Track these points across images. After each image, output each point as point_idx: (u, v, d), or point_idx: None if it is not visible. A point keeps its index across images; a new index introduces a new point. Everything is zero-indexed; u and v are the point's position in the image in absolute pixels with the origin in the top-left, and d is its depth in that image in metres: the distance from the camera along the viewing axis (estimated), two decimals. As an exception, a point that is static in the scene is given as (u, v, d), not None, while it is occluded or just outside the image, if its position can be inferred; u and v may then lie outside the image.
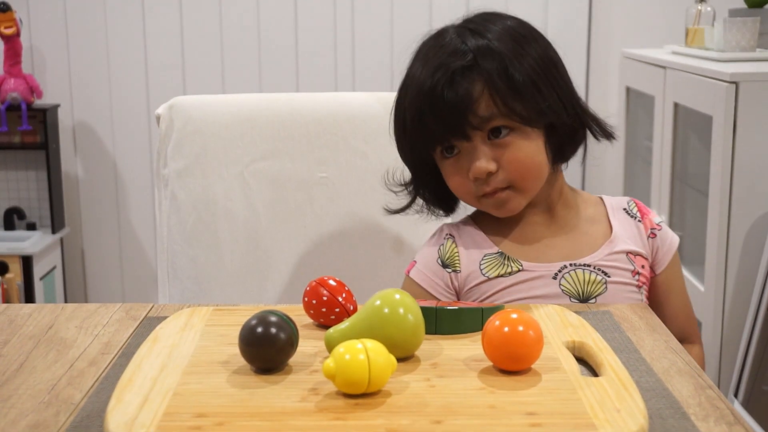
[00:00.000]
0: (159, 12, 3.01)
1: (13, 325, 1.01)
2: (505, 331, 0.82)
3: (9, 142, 2.97)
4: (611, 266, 1.13)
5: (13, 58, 2.91)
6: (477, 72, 1.06)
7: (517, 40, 1.10)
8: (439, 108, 1.06)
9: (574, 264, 1.13)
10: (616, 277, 1.13)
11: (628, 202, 1.21)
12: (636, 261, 1.16)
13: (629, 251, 1.15)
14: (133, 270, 3.17)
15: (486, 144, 1.08)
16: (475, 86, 1.06)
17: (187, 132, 1.42)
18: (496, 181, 1.09)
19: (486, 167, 1.08)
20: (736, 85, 1.79)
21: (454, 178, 1.12)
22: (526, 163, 1.09)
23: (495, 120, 1.07)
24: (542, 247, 1.15)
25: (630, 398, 0.77)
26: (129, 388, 0.80)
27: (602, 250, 1.14)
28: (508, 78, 1.06)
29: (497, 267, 1.14)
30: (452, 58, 1.07)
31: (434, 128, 1.08)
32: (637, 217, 1.20)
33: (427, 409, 0.75)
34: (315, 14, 2.99)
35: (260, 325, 0.82)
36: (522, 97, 1.07)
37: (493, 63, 1.07)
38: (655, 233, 1.19)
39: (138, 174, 3.11)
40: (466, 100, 1.05)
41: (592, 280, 1.12)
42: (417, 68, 1.10)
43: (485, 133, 1.08)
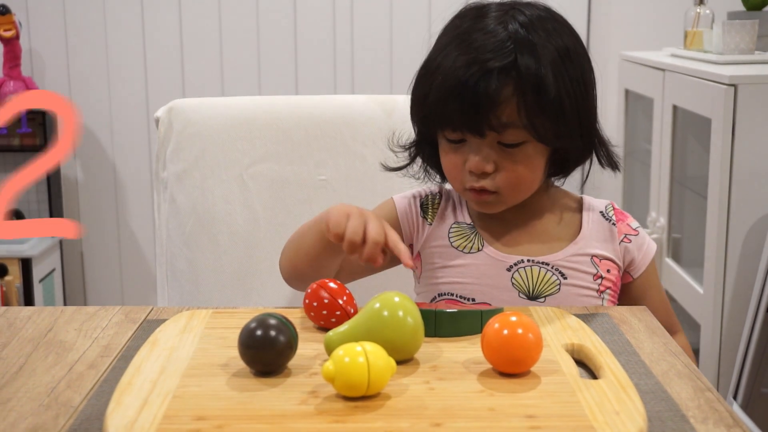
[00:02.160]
0: (158, 15, 3.01)
1: (12, 328, 1.01)
2: (504, 333, 0.82)
3: (8, 144, 2.97)
4: (570, 267, 1.13)
5: (12, 61, 2.91)
6: (512, 77, 1.05)
7: (562, 57, 1.08)
8: (465, 100, 1.05)
9: (532, 260, 1.13)
10: (572, 279, 1.13)
11: (606, 205, 1.21)
12: (601, 265, 1.15)
13: (595, 254, 1.15)
14: (132, 273, 3.17)
15: (493, 146, 1.08)
16: (505, 89, 1.05)
17: (186, 135, 1.42)
18: (487, 182, 1.10)
19: (484, 166, 1.08)
20: (734, 87, 1.79)
21: (450, 160, 1.12)
22: (522, 177, 1.10)
23: (513, 128, 1.06)
24: (509, 238, 1.16)
25: (629, 401, 0.77)
26: (128, 391, 0.79)
27: (566, 251, 1.14)
28: (540, 92, 1.05)
29: (462, 238, 1.16)
30: (492, 54, 1.05)
31: (453, 116, 1.07)
32: (612, 221, 1.18)
33: (427, 412, 0.75)
34: (314, 17, 3.00)
35: (259, 328, 0.82)
36: (546, 116, 1.06)
37: (530, 73, 1.05)
38: (630, 238, 1.17)
39: (137, 177, 3.11)
40: (493, 100, 1.05)
41: (546, 279, 1.12)
42: (453, 50, 1.08)
43: (498, 137, 1.08)
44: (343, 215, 1.01)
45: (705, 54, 2.10)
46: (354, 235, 0.99)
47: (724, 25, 2.02)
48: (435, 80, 1.09)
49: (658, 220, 2.23)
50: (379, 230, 0.99)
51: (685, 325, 2.24)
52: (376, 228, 0.99)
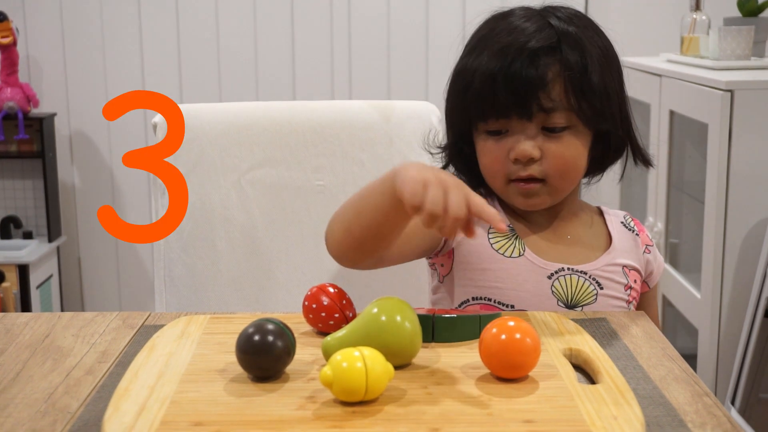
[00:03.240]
0: (155, 21, 3.01)
1: (9, 334, 1.01)
2: (502, 338, 0.82)
3: (5, 150, 2.97)
4: (606, 278, 1.13)
5: (9, 67, 2.91)
6: (557, 56, 1.05)
7: (600, 48, 1.09)
8: (513, 81, 1.04)
9: (572, 269, 1.12)
10: (608, 290, 1.12)
11: (625, 216, 1.21)
12: (630, 275, 1.15)
13: (626, 265, 1.15)
14: (130, 278, 3.17)
15: (538, 131, 1.07)
16: (552, 69, 1.05)
17: (184, 140, 1.42)
18: (535, 169, 1.08)
19: (531, 152, 1.07)
20: (731, 93, 1.80)
21: (491, 153, 1.09)
22: (569, 162, 1.08)
23: (560, 111, 1.06)
24: (548, 243, 1.14)
25: (627, 406, 0.77)
26: (126, 396, 0.79)
27: (601, 260, 1.13)
28: (586, 72, 1.06)
29: (503, 240, 1.12)
30: (534, 36, 1.06)
31: (503, 100, 1.05)
32: (635, 231, 1.19)
33: (425, 417, 0.75)
34: (312, 23, 3.00)
35: (257, 333, 0.82)
36: (591, 96, 1.06)
37: (575, 52, 1.06)
38: (650, 249, 1.19)
39: (135, 182, 3.11)
40: (542, 79, 1.04)
41: (585, 288, 1.11)
42: (486, 43, 1.08)
43: (545, 121, 1.06)
44: (419, 183, 0.86)
45: (701, 60, 2.11)
46: (435, 207, 0.85)
47: (720, 31, 2.03)
48: (476, 71, 1.07)
49: (656, 225, 2.23)
50: (461, 202, 0.85)
51: (683, 329, 2.24)
52: (458, 199, 0.85)
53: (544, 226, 1.15)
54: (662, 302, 2.22)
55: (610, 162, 1.16)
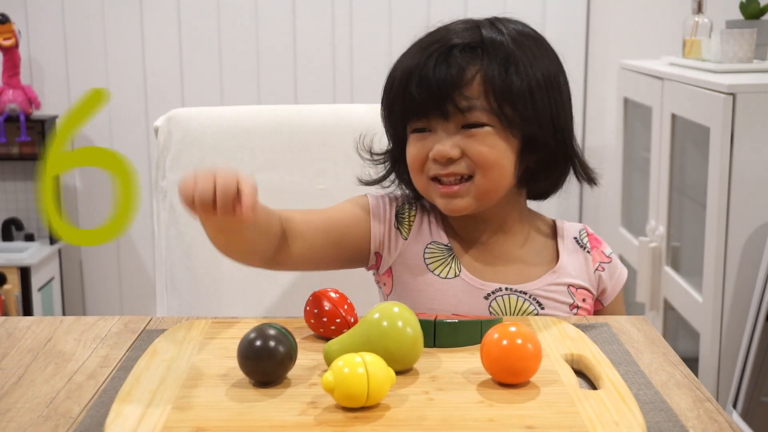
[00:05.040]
0: (157, 23, 3.02)
1: (11, 338, 1.01)
2: (503, 344, 0.82)
3: (7, 153, 2.97)
4: (548, 297, 1.10)
5: (11, 70, 2.91)
6: (477, 56, 1.04)
7: (531, 48, 1.07)
8: (428, 80, 1.03)
9: (510, 289, 1.09)
10: (550, 309, 1.09)
11: (580, 231, 1.17)
12: (577, 295, 1.12)
13: (571, 284, 1.11)
14: (132, 282, 3.17)
15: (459, 131, 1.05)
16: (470, 68, 1.04)
17: (186, 144, 1.43)
18: (456, 167, 1.05)
19: (448, 152, 1.04)
20: (733, 96, 1.80)
21: (414, 150, 1.08)
22: (489, 160, 1.04)
23: (478, 111, 1.03)
24: (485, 261, 1.11)
25: (629, 411, 0.77)
26: (128, 401, 0.79)
27: (543, 279, 1.10)
28: (507, 75, 1.03)
29: (439, 261, 1.10)
30: (456, 36, 1.06)
31: (418, 99, 1.04)
32: (587, 248, 1.15)
33: (426, 423, 0.75)
34: (313, 26, 3.00)
35: (259, 339, 0.82)
36: (513, 99, 1.04)
37: (498, 56, 1.04)
38: (604, 266, 1.15)
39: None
40: (457, 79, 1.03)
41: (524, 308, 1.08)
42: (417, 43, 1.09)
43: (464, 120, 1.04)
44: (188, 178, 0.91)
45: (703, 63, 2.10)
46: (204, 193, 0.89)
47: (722, 34, 2.03)
48: (398, 70, 1.08)
49: (657, 229, 2.23)
50: (230, 179, 0.88)
51: (685, 333, 2.24)
52: (226, 177, 0.89)
53: (483, 243, 1.12)
54: (663, 306, 2.22)
55: (546, 175, 1.11)
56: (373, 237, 1.12)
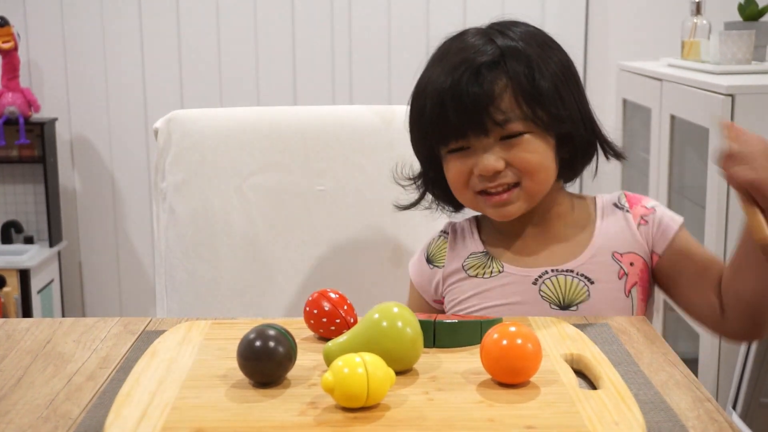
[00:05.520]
0: (156, 26, 3.02)
1: (10, 340, 1.01)
2: (503, 344, 0.82)
3: (7, 156, 2.97)
4: (594, 270, 1.11)
5: (10, 72, 2.91)
6: (502, 69, 1.07)
7: (542, 46, 1.11)
8: (461, 100, 1.06)
9: (556, 270, 1.12)
10: (600, 283, 1.11)
11: (619, 196, 1.19)
12: (623, 260, 1.13)
13: (615, 251, 1.13)
14: (131, 283, 3.17)
15: (498, 143, 1.08)
16: (498, 82, 1.06)
17: (185, 145, 1.43)
18: (503, 177, 1.08)
19: (494, 165, 1.07)
20: (732, 97, 1.80)
21: (456, 170, 1.10)
22: (533, 164, 1.08)
23: (514, 122, 1.07)
24: (527, 252, 1.14)
25: (628, 411, 0.77)
26: (127, 402, 0.79)
27: (585, 254, 1.12)
28: (533, 80, 1.07)
29: (479, 267, 1.15)
30: (478, 53, 1.08)
31: (455, 121, 1.07)
32: (626, 208, 1.16)
33: (426, 423, 0.75)
34: (312, 28, 3.00)
35: (258, 339, 0.82)
36: (544, 102, 1.07)
37: (520, 63, 1.07)
38: (646, 219, 1.14)
39: (136, 187, 3.11)
40: (489, 94, 1.06)
41: (574, 286, 1.11)
42: (438, 64, 1.10)
43: (502, 132, 1.07)
44: None
45: (702, 64, 2.11)
46: None
47: (721, 36, 2.03)
48: (427, 95, 1.09)
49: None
50: None
51: (684, 334, 2.24)
52: None
53: (524, 237, 1.15)
54: (663, 306, 2.22)
55: (582, 161, 1.15)
56: (427, 297, 1.21)
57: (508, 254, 1.15)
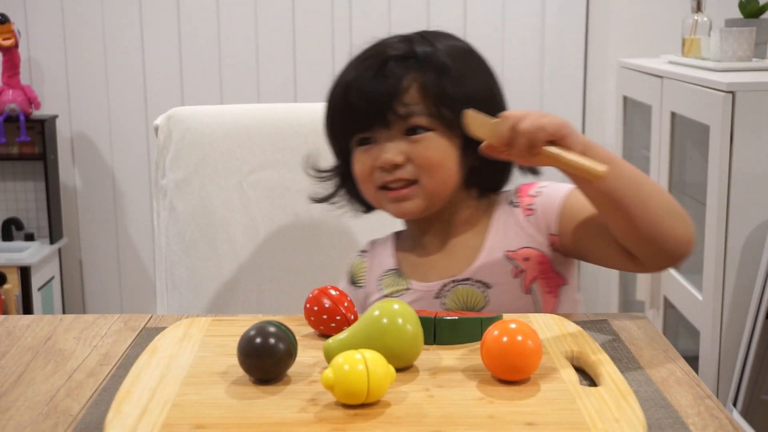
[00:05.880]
0: (157, 23, 3.02)
1: (11, 337, 1.01)
2: (503, 341, 0.82)
3: (7, 153, 2.97)
4: (489, 274, 1.10)
5: (11, 70, 2.91)
6: (411, 65, 1.07)
7: (463, 60, 1.11)
8: (365, 91, 1.07)
9: (455, 280, 1.11)
10: (497, 286, 1.09)
11: (514, 191, 1.15)
12: (516, 256, 1.10)
13: (507, 250, 1.10)
14: (132, 280, 3.17)
15: (401, 138, 1.08)
16: (405, 77, 1.07)
17: (186, 143, 1.43)
18: (402, 172, 1.08)
19: (393, 158, 1.07)
20: (732, 94, 1.80)
21: (361, 162, 1.11)
22: (434, 162, 1.08)
23: (418, 116, 1.07)
24: (431, 265, 1.14)
25: (629, 408, 0.77)
26: (128, 399, 0.79)
27: (479, 259, 1.11)
28: (442, 80, 1.07)
29: (391, 285, 1.15)
30: (389, 49, 1.09)
31: (360, 112, 1.07)
32: (515, 203, 1.13)
33: (426, 420, 0.75)
34: (313, 25, 3.00)
35: (259, 336, 0.82)
36: (451, 102, 1.07)
37: (432, 64, 1.08)
38: (532, 208, 1.11)
39: (136, 185, 3.11)
40: (393, 87, 1.06)
41: (473, 294, 1.10)
42: (355, 58, 1.13)
43: (405, 126, 1.07)
44: None
45: (703, 61, 2.11)
46: None
47: (721, 33, 2.03)
48: (336, 86, 1.11)
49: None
50: None
51: (685, 331, 2.24)
52: None
53: (432, 248, 1.15)
54: (663, 304, 2.22)
55: (494, 171, 1.13)
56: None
57: (414, 269, 1.15)
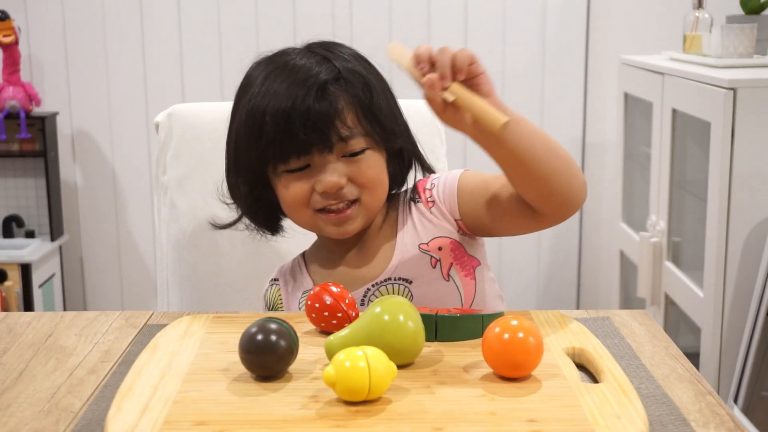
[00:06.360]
0: (157, 19, 3.01)
1: (12, 334, 1.01)
2: (505, 338, 0.82)
3: (8, 150, 2.97)
4: (408, 270, 1.11)
5: (11, 66, 2.91)
6: (343, 87, 1.08)
7: (367, 66, 1.13)
8: (308, 116, 1.04)
9: (376, 283, 1.11)
10: (417, 279, 1.11)
11: (411, 189, 1.18)
12: (429, 248, 1.11)
13: (420, 244, 1.12)
14: (133, 278, 3.17)
15: (339, 160, 1.08)
16: (341, 99, 1.07)
17: (186, 139, 1.42)
18: (345, 194, 1.08)
19: (338, 182, 1.06)
20: (733, 91, 1.80)
21: (295, 190, 1.08)
22: (374, 180, 1.09)
23: (356, 137, 1.07)
24: (350, 275, 1.14)
25: (630, 405, 0.77)
26: (129, 396, 0.79)
27: (396, 258, 1.12)
28: (371, 97, 1.09)
29: None
30: (320, 72, 1.07)
31: (300, 137, 1.05)
32: (416, 199, 1.15)
33: (428, 416, 0.75)
34: (313, 22, 3.00)
35: (260, 333, 0.82)
36: (381, 118, 1.09)
37: (358, 82, 1.09)
38: (432, 200, 1.14)
39: (137, 181, 3.11)
40: (335, 110, 1.06)
41: (396, 292, 1.11)
42: (273, 82, 1.08)
43: (345, 148, 1.07)
44: None
45: (704, 58, 2.10)
46: None
47: (723, 29, 2.03)
48: (267, 113, 1.06)
49: (658, 224, 2.23)
50: None
51: (686, 328, 2.24)
52: None
53: (340, 261, 1.15)
54: (664, 301, 2.22)
55: (403, 174, 1.17)
56: None
57: (335, 281, 1.13)
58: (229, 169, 1.15)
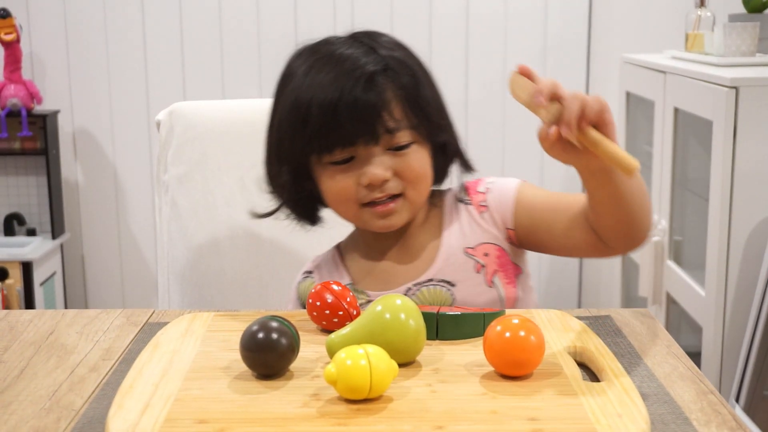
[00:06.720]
0: (159, 18, 3.01)
1: (13, 332, 1.01)
2: (506, 336, 0.82)
3: (9, 148, 2.97)
4: (452, 272, 1.10)
5: (13, 65, 2.91)
6: (390, 78, 1.06)
7: (412, 56, 1.11)
8: (355, 107, 1.03)
9: (418, 283, 1.10)
10: (461, 283, 1.10)
11: (460, 188, 1.17)
12: (476, 253, 1.11)
13: (466, 247, 1.11)
14: (134, 276, 3.17)
15: (384, 153, 1.07)
16: (388, 90, 1.06)
17: (188, 138, 1.42)
18: (390, 187, 1.07)
19: (383, 174, 1.06)
20: (736, 90, 1.79)
21: (340, 183, 1.07)
22: (419, 175, 1.08)
23: (402, 130, 1.06)
24: (389, 272, 1.13)
25: (632, 403, 0.76)
26: (130, 394, 0.79)
27: (439, 259, 1.11)
28: (418, 90, 1.07)
29: None
30: (367, 63, 1.06)
31: (347, 128, 1.04)
32: (466, 201, 1.15)
33: (429, 415, 0.75)
34: (315, 20, 3.00)
35: (261, 331, 0.82)
36: (428, 111, 1.08)
37: (405, 73, 1.07)
38: (485, 204, 1.13)
39: (138, 180, 3.11)
40: (382, 101, 1.04)
41: (438, 294, 1.10)
42: (318, 73, 1.06)
43: (391, 141, 1.06)
44: None
45: (706, 56, 2.10)
46: None
47: (725, 28, 2.02)
48: (312, 103, 1.05)
49: (660, 223, 2.23)
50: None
51: (687, 327, 2.24)
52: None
53: (380, 257, 1.14)
54: (666, 300, 2.22)
55: (445, 171, 1.15)
56: None
57: (371, 279, 1.13)
58: (270, 159, 1.14)
